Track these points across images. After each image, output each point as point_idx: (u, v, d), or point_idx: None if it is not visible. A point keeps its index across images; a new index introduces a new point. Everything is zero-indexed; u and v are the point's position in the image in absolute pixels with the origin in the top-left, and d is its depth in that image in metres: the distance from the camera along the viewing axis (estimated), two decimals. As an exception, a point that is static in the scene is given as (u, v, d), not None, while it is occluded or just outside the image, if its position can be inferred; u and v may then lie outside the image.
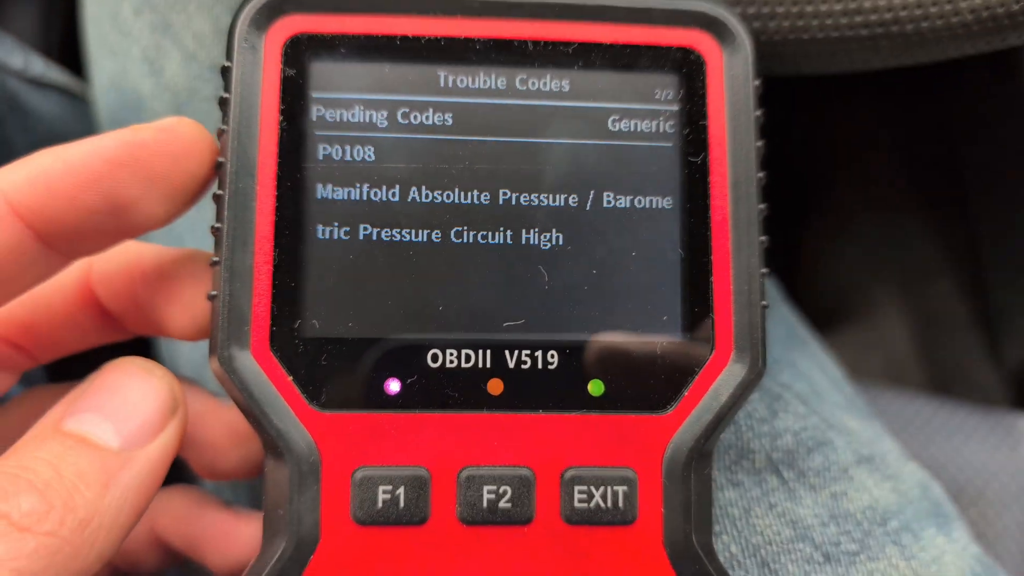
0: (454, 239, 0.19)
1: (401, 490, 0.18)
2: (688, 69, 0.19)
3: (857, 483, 0.24)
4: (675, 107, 0.19)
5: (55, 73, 0.43)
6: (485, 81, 0.19)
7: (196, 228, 0.31)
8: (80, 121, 0.43)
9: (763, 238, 0.19)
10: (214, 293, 0.18)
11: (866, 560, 0.23)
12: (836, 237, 0.79)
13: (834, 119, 0.74)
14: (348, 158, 0.19)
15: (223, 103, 0.19)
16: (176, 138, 0.18)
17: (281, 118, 0.18)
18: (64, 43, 0.70)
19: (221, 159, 0.18)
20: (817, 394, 0.27)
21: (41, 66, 0.42)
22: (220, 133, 0.19)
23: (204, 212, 0.30)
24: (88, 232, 0.18)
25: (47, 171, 0.18)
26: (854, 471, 0.25)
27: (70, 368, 0.23)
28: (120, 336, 0.22)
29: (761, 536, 0.23)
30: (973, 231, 0.70)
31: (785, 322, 0.30)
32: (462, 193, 0.19)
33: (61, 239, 0.18)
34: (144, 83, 0.32)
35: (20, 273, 0.18)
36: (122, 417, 0.17)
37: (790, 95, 0.79)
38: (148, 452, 0.17)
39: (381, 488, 0.18)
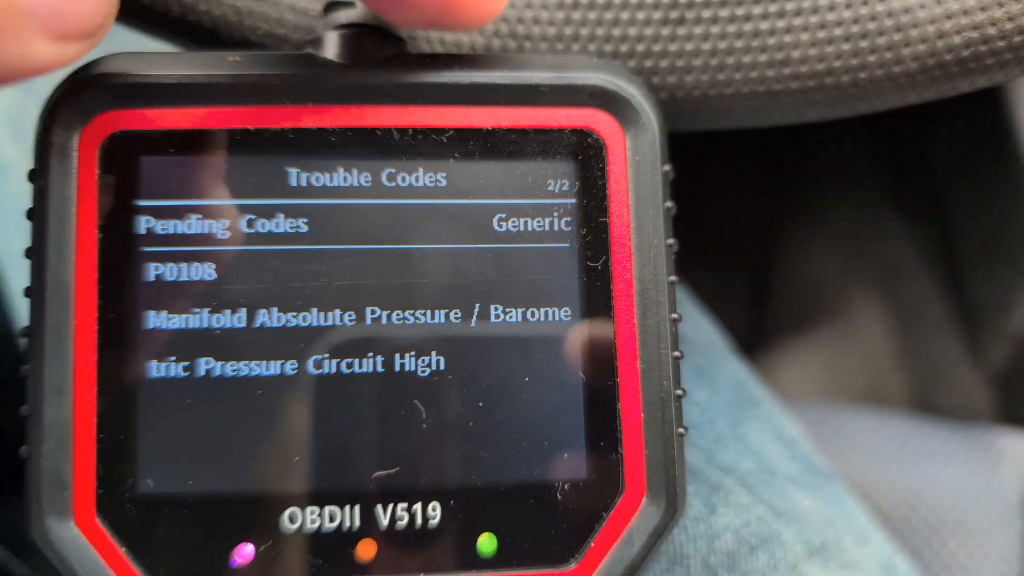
0: (312, 370, 0.16)
1: None
2: (584, 155, 0.16)
3: None
4: (571, 201, 0.16)
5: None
6: (345, 178, 0.16)
7: None
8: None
9: (677, 353, 0.16)
10: (26, 451, 0.15)
11: None
12: (813, 236, 0.76)
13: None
14: (184, 278, 0.16)
15: (31, 217, 0.15)
16: None
17: (100, 234, 0.15)
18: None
19: (30, 285, 0.15)
20: (766, 472, 0.24)
21: None
22: (29, 254, 0.16)
23: None
24: None
25: None
26: (805, 566, 0.22)
27: None
28: None
29: None
30: (947, 228, 0.68)
31: (734, 383, 0.27)
32: (321, 314, 0.16)
33: None
34: (8, 148, 0.29)
35: None
36: None
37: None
38: None
39: None
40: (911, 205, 0.71)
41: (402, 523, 0.15)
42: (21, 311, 0.30)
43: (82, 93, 0.16)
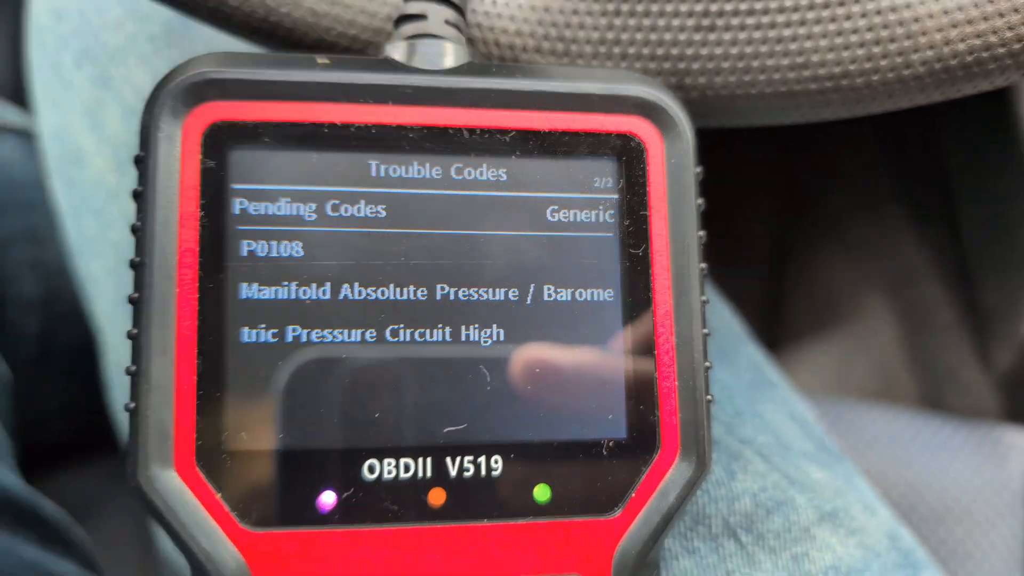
0: (389, 339, 0.18)
1: None
2: (628, 156, 0.18)
3: (820, 542, 0.24)
4: (615, 196, 0.18)
5: (11, 114, 0.42)
6: (419, 171, 0.18)
7: None
8: (35, 160, 0.42)
9: (706, 331, 0.18)
10: (132, 405, 0.17)
11: None
12: (826, 243, 0.78)
13: (821, 126, 0.73)
14: (274, 254, 0.18)
15: (137, 197, 0.18)
16: None
17: (201, 213, 0.17)
18: (11, 74, 0.69)
19: (136, 259, 0.17)
20: (781, 445, 0.26)
21: None
22: (135, 231, 0.18)
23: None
24: None
25: None
26: (816, 529, 0.24)
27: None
28: None
29: None
30: (958, 234, 0.69)
31: (752, 366, 0.29)
32: (397, 289, 0.18)
33: None
34: (86, 138, 0.31)
35: None
36: None
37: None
38: None
39: None
40: (923, 213, 0.73)
41: (468, 473, 0.17)
42: (93, 291, 0.32)
43: (187, 86, 0.17)
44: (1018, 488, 0.45)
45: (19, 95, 0.52)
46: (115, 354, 0.32)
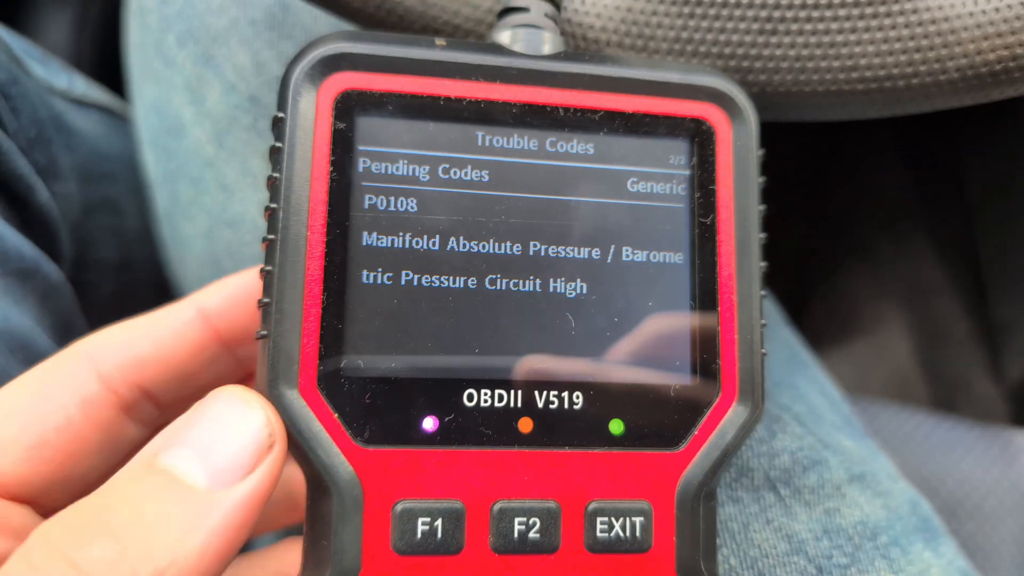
0: (488, 286, 0.20)
1: (439, 522, 0.19)
2: (700, 138, 0.21)
3: (849, 500, 0.26)
4: (687, 172, 0.21)
5: (96, 92, 0.45)
6: (519, 142, 0.21)
7: (233, 252, 0.33)
8: (120, 139, 0.45)
9: (763, 292, 0.21)
10: (264, 332, 0.19)
11: (856, 573, 0.25)
12: (845, 256, 0.80)
13: (846, 144, 0.75)
14: (392, 208, 0.20)
15: (275, 152, 0.20)
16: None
17: (331, 169, 0.20)
18: (96, 55, 0.72)
19: (272, 205, 0.20)
20: (815, 415, 0.28)
21: (83, 86, 0.44)
22: (271, 181, 0.20)
23: (242, 235, 0.32)
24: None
25: (235, 295, 0.22)
26: (847, 488, 0.27)
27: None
28: (235, 366, 0.23)
29: (758, 550, 0.24)
30: (974, 249, 0.72)
31: (787, 345, 0.31)
32: (496, 244, 0.20)
33: (234, 343, 0.22)
34: (186, 110, 0.34)
35: (204, 368, 0.22)
36: (213, 453, 0.16)
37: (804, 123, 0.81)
38: (237, 493, 0.16)
39: (420, 520, 0.19)
40: (942, 230, 0.75)
41: (552, 406, 0.20)
42: (181, 253, 0.35)
43: (323, 57, 0.20)
44: (1027, 487, 0.47)
45: (103, 76, 0.54)
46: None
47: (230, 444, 0.17)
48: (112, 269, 0.42)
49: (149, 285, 0.43)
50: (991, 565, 0.46)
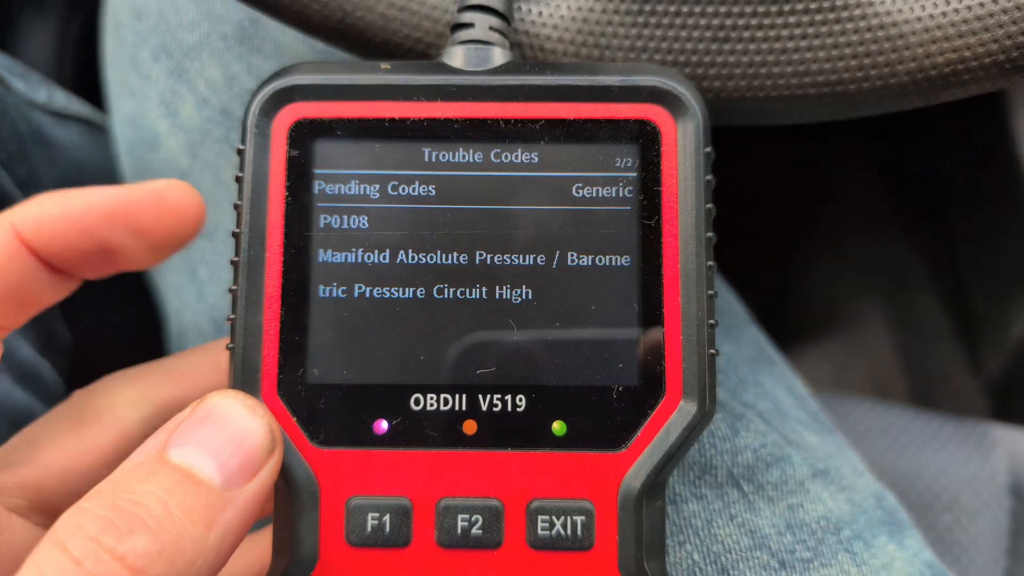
0: (436, 296, 0.21)
1: (387, 517, 0.20)
2: (644, 140, 0.22)
3: (812, 495, 0.27)
4: (633, 174, 0.22)
5: (76, 105, 0.46)
6: (463, 156, 0.21)
7: (208, 260, 0.34)
8: (100, 150, 0.45)
9: (711, 292, 0.21)
10: (231, 345, 0.21)
11: (819, 567, 0.26)
12: (826, 252, 0.81)
13: (824, 144, 0.76)
14: (345, 226, 0.21)
15: (238, 180, 0.21)
16: (163, 200, 0.21)
17: (287, 193, 0.21)
18: (77, 69, 0.73)
19: (236, 230, 0.21)
20: (779, 412, 0.29)
21: (63, 99, 0.45)
22: (236, 207, 0.21)
23: (216, 244, 0.33)
24: (85, 265, 0.22)
25: (52, 216, 0.21)
26: (810, 484, 0.27)
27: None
28: (68, 286, 0.23)
29: (721, 545, 0.25)
30: (951, 244, 0.72)
31: (753, 343, 0.32)
32: (443, 255, 0.21)
33: (63, 267, 0.21)
34: (161, 123, 0.34)
35: (34, 292, 0.21)
36: (226, 454, 0.18)
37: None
38: (247, 492, 0.18)
39: (370, 515, 0.20)
40: (917, 223, 0.76)
41: (496, 409, 0.21)
42: (165, 270, 0.35)
43: (275, 91, 0.21)
44: (1003, 480, 0.48)
45: (85, 90, 0.55)
46: (176, 319, 0.35)
47: (240, 448, 0.18)
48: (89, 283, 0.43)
49: (123, 288, 0.44)
50: (968, 558, 0.47)
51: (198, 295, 0.34)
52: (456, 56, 0.22)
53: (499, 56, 0.22)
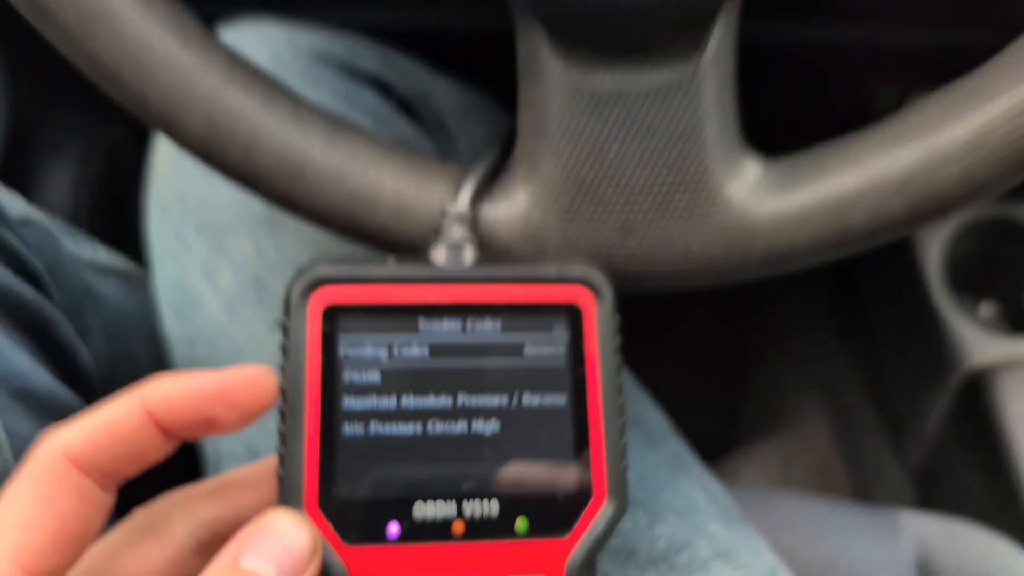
0: (430, 431, 0.29)
1: None
2: (573, 314, 0.30)
3: (714, 571, 0.35)
4: (567, 338, 0.30)
5: (115, 260, 0.54)
6: (448, 326, 0.30)
7: None
8: (132, 297, 0.54)
9: (622, 421, 0.30)
10: (281, 473, 0.28)
11: None
12: (772, 356, 0.90)
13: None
14: (363, 380, 0.29)
15: (284, 350, 0.29)
16: (255, 384, 0.27)
17: (321, 357, 0.29)
18: (92, 208, 0.82)
19: (283, 386, 0.29)
20: (692, 508, 0.37)
21: (104, 255, 0.53)
22: (283, 368, 0.29)
23: None
24: (190, 431, 0.27)
25: (172, 394, 0.26)
26: (711, 563, 0.35)
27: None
28: (173, 444, 0.27)
29: None
30: (873, 345, 0.82)
31: (674, 452, 0.40)
32: (434, 398, 0.29)
33: (174, 433, 0.27)
34: (202, 287, 0.43)
35: (149, 452, 0.27)
36: (282, 559, 0.23)
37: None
38: None
39: None
40: (848, 331, 0.86)
41: (476, 512, 0.29)
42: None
43: (310, 279, 0.29)
44: (909, 560, 0.56)
45: (99, 229, 0.63)
46: (213, 446, 0.43)
47: (292, 554, 0.24)
48: None
49: None
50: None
51: None
52: (440, 256, 0.31)
53: (469, 254, 0.31)
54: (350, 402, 0.29)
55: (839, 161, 0.31)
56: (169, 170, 0.46)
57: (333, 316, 0.29)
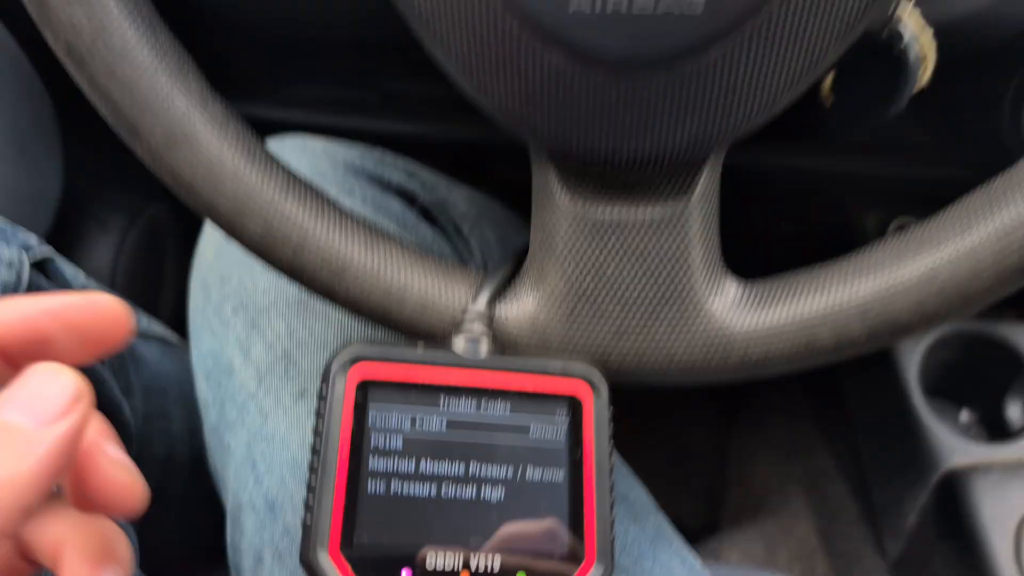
0: (444, 493, 0.34)
1: None
2: (573, 404, 0.35)
3: None
4: (566, 424, 0.35)
5: (154, 326, 0.59)
6: (466, 405, 0.35)
7: (266, 458, 0.46)
8: (169, 361, 0.59)
9: (612, 498, 0.35)
10: (308, 522, 0.32)
11: None
12: (757, 446, 0.95)
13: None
14: (387, 445, 0.34)
15: (319, 411, 0.34)
16: (98, 308, 0.26)
17: (352, 422, 0.34)
18: (127, 276, 0.87)
19: (316, 446, 0.34)
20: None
21: (145, 321, 0.58)
22: (317, 427, 0.34)
23: (273, 447, 0.45)
24: (26, 350, 0.25)
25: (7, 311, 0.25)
26: None
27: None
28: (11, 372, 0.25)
29: None
30: (856, 444, 0.86)
31: (656, 526, 0.45)
32: (449, 466, 0.34)
33: (12, 357, 0.25)
34: (236, 358, 0.48)
35: None
36: (35, 404, 0.22)
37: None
38: (56, 429, 0.22)
39: None
40: (829, 427, 0.90)
41: (481, 566, 0.33)
42: (226, 458, 0.48)
43: (348, 357, 0.34)
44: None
45: (134, 292, 0.68)
46: (234, 498, 0.47)
47: (48, 397, 0.22)
48: (159, 462, 0.55)
49: (185, 472, 0.56)
50: None
51: (255, 480, 0.46)
52: (459, 345, 0.36)
53: (485, 346, 0.36)
54: (375, 463, 0.34)
55: (808, 286, 0.36)
56: (212, 256, 0.52)
57: (366, 388, 0.34)
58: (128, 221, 0.91)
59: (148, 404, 0.54)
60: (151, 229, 0.91)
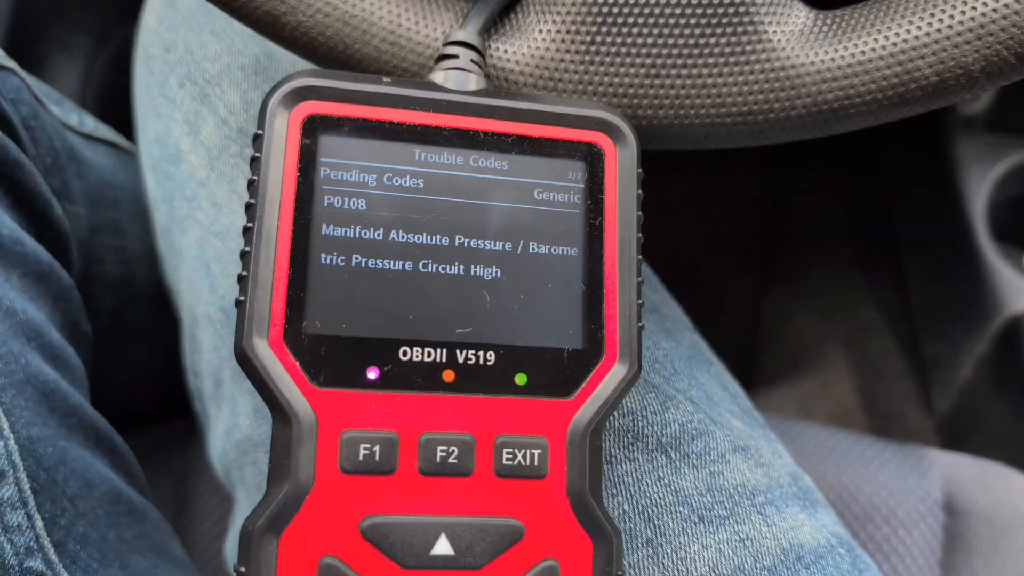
0: (421, 269, 0.26)
1: (376, 447, 0.24)
2: (591, 159, 0.27)
3: (732, 466, 0.31)
4: (581, 185, 0.27)
5: (104, 129, 0.51)
6: (447, 158, 0.26)
7: (220, 258, 0.38)
8: (124, 170, 0.50)
9: (640, 279, 0.26)
10: (242, 298, 0.24)
11: (733, 523, 0.30)
12: (794, 302, 0.86)
13: (793, 202, 0.82)
14: (345, 207, 0.26)
15: (254, 161, 0.25)
16: None
17: (298, 174, 0.25)
18: (101, 99, 0.79)
19: (251, 201, 0.25)
20: (710, 400, 0.33)
21: (92, 123, 0.50)
22: (251, 183, 0.26)
23: (228, 244, 0.37)
24: None
25: None
26: (730, 456, 0.31)
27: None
28: None
29: (648, 499, 0.29)
30: (906, 293, 0.77)
31: (692, 345, 0.37)
32: (428, 236, 0.26)
33: None
34: (184, 140, 0.39)
35: None
36: None
37: (762, 177, 0.88)
38: None
39: (362, 446, 0.24)
40: (877, 275, 0.81)
41: (471, 362, 0.25)
42: (177, 261, 0.40)
43: (294, 88, 0.25)
44: (937, 497, 0.52)
45: (107, 117, 0.61)
46: (189, 312, 0.40)
47: None
48: (113, 284, 0.48)
49: (147, 299, 0.48)
50: (904, 566, 0.51)
51: (210, 288, 0.38)
52: (444, 78, 0.27)
53: (476, 82, 0.27)
54: (328, 229, 0.25)
55: (905, 8, 0.27)
56: (156, 22, 0.43)
57: (315, 130, 0.26)
58: (95, 45, 0.82)
59: (95, 214, 0.47)
60: (123, 56, 0.82)
